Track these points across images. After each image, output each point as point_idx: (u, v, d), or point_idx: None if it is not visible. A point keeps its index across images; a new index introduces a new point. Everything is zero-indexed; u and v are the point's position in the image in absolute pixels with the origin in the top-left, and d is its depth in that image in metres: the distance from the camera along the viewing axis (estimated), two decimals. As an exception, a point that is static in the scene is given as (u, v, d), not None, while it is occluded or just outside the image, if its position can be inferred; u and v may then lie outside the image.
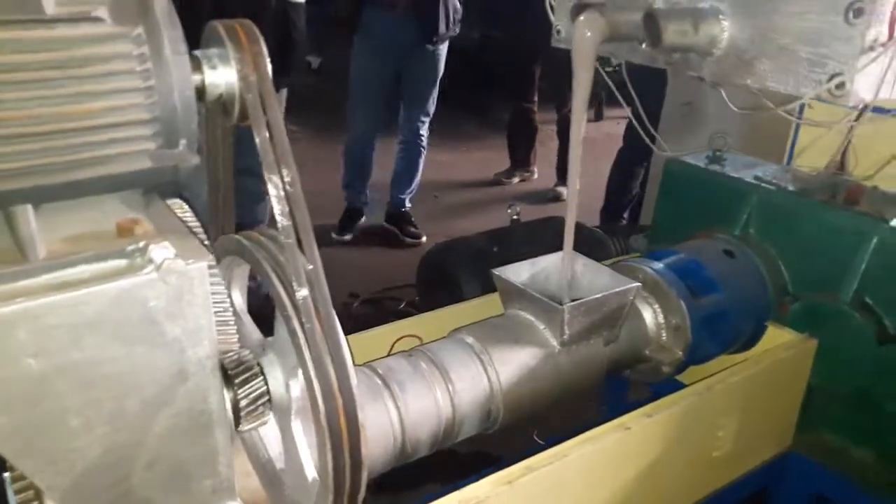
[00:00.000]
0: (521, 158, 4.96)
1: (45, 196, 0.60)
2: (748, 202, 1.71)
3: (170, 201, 0.81)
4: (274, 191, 0.71)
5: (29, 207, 0.60)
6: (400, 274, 3.20)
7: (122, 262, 0.63)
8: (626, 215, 3.91)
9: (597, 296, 1.38)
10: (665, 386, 1.58)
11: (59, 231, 0.63)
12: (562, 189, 4.82)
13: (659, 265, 1.57)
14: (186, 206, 0.87)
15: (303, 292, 0.72)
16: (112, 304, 0.62)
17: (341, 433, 0.73)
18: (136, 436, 0.68)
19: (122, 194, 0.68)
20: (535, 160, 5.04)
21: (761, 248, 1.67)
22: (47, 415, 0.62)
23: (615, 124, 6.23)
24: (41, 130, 0.57)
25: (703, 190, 1.82)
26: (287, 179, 0.72)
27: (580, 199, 1.38)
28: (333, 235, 3.95)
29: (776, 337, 1.59)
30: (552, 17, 1.51)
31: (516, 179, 4.98)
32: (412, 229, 4.04)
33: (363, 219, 4.14)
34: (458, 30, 3.81)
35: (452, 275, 2.31)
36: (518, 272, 1.46)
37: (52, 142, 0.58)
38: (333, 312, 0.73)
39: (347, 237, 3.98)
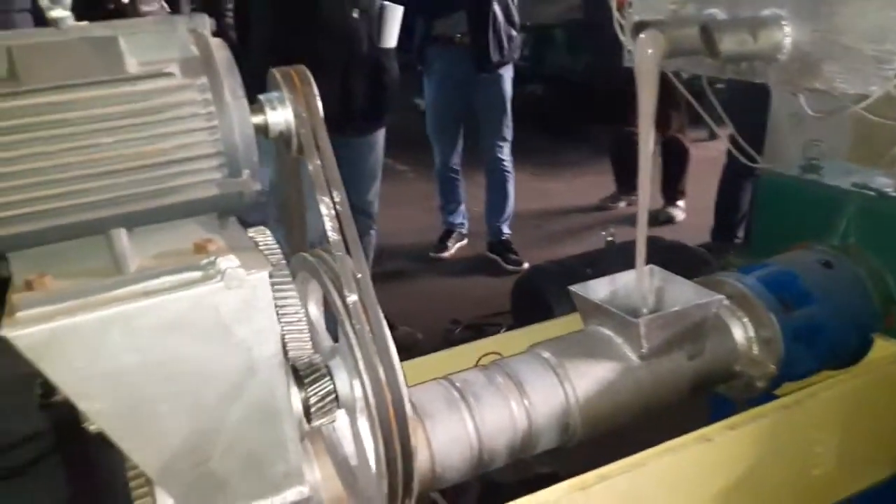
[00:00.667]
0: (626, 182, 4.90)
1: (134, 220, 0.74)
2: (847, 210, 1.63)
3: (253, 228, 0.94)
4: (325, 210, 0.82)
5: (123, 230, 0.74)
6: (502, 301, 3.27)
7: (198, 274, 0.75)
8: (740, 234, 3.75)
9: (675, 309, 1.39)
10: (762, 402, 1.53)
11: (147, 250, 0.76)
12: (673, 211, 4.70)
13: (749, 278, 1.54)
14: (268, 231, 1.00)
15: (353, 298, 0.81)
16: (189, 309, 0.74)
17: (391, 424, 0.81)
18: (214, 423, 0.79)
19: (200, 219, 0.81)
20: (645, 184, 4.96)
21: (863, 257, 1.59)
22: (140, 402, 0.75)
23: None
24: (128, 167, 0.71)
25: (799, 201, 1.76)
26: (337, 200, 0.82)
27: (697, 219, 1.38)
28: (431, 254, 4.25)
29: (882, 349, 1.50)
30: (622, 38, 1.55)
31: (623, 204, 4.91)
32: (513, 256, 4.15)
33: (464, 241, 4.41)
34: (515, 56, 4.06)
35: (544, 297, 2.34)
36: (597, 289, 1.49)
37: (136, 175, 0.71)
38: (381, 315, 0.82)
39: (444, 254, 4.29)
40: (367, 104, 2.69)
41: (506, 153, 4.20)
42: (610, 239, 2.58)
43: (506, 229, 4.25)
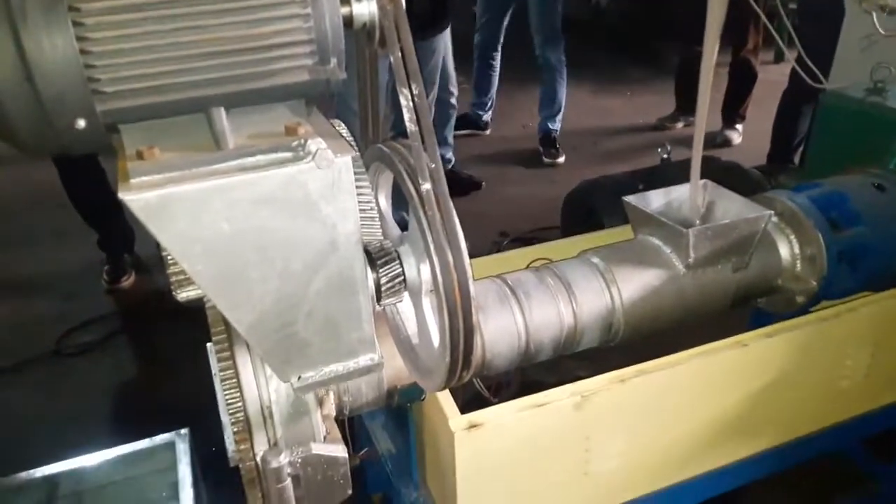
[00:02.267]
0: (687, 103, 4.80)
1: (233, 101, 0.81)
2: (906, 134, 1.63)
3: (331, 120, 1.00)
4: (404, 101, 0.87)
5: (222, 110, 0.80)
6: (551, 216, 3.32)
7: (289, 154, 0.82)
8: (796, 160, 3.69)
9: (724, 221, 1.43)
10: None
11: (244, 130, 0.83)
12: (730, 133, 4.62)
13: (800, 196, 1.56)
14: (343, 124, 1.06)
15: (426, 186, 0.88)
16: (281, 185, 0.81)
17: (456, 301, 0.89)
18: (299, 290, 0.88)
19: (290, 104, 0.87)
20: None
21: (918, 182, 1.60)
22: (235, 266, 0.84)
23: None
24: (230, 49, 0.77)
25: (859, 123, 1.75)
26: (415, 92, 0.87)
27: (754, 143, 1.39)
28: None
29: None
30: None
31: (680, 124, 4.83)
32: (552, 150, 4.34)
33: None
34: None
35: (595, 211, 2.38)
36: (650, 200, 1.53)
37: (237, 58, 0.77)
38: (451, 203, 0.89)
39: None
40: (428, 7, 2.73)
41: (554, 53, 4.22)
42: (665, 156, 2.58)
43: (553, 125, 4.36)
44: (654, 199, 1.51)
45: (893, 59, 1.87)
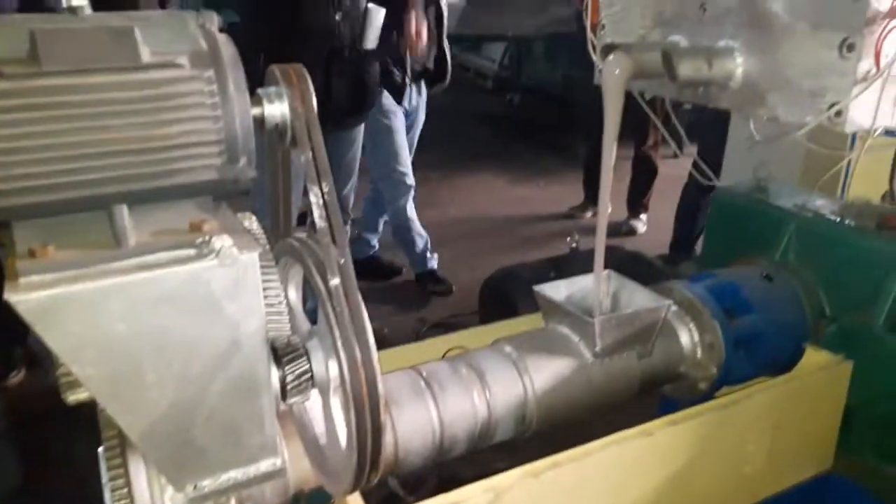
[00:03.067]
0: (595, 193, 5.05)
1: (136, 199, 0.79)
2: (787, 229, 1.76)
3: (240, 214, 1.00)
4: (314, 199, 0.88)
5: (124, 207, 0.79)
6: (469, 302, 3.36)
7: (192, 251, 0.80)
8: (698, 249, 3.92)
9: (628, 311, 1.49)
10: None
11: (147, 226, 0.82)
12: (635, 223, 4.87)
13: (697, 287, 1.65)
14: (254, 217, 1.06)
15: (335, 281, 0.88)
16: (184, 283, 0.79)
17: (364, 400, 0.88)
18: (198, 393, 0.85)
19: (196, 200, 0.86)
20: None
21: (799, 272, 1.72)
22: (130, 370, 0.80)
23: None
24: (134, 148, 0.76)
25: (747, 218, 1.89)
26: (325, 190, 0.88)
27: (658, 233, 1.47)
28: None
29: (812, 358, 1.62)
30: (594, 57, 1.65)
31: (589, 213, 5.06)
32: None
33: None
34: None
35: (511, 298, 2.43)
36: (558, 290, 1.58)
37: (141, 157, 0.77)
38: (360, 299, 0.89)
39: None
40: (348, 101, 2.79)
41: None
42: (574, 245, 2.69)
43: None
44: (563, 289, 1.57)
45: (773, 158, 2.05)
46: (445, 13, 3.67)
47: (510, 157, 5.99)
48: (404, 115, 3.67)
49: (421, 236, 3.89)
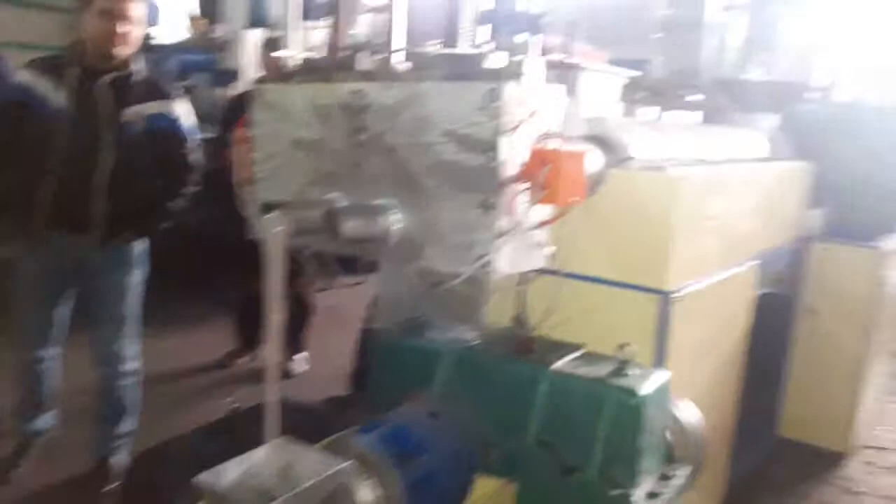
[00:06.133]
0: (250, 338, 4.87)
1: None
2: (445, 363, 1.88)
3: None
4: None
5: None
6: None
7: None
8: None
9: (308, 483, 1.39)
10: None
11: None
12: (294, 364, 4.78)
13: (369, 437, 1.64)
14: None
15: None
16: None
17: None
18: None
19: None
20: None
21: (461, 404, 1.83)
22: None
23: (350, 291, 6.45)
24: None
25: (407, 356, 1.97)
26: None
27: (328, 369, 1.40)
28: None
29: (482, 486, 1.71)
30: (247, 214, 1.61)
31: (245, 360, 4.83)
32: None
33: None
34: None
35: (164, 490, 2.07)
36: (227, 473, 1.40)
37: None
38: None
39: None
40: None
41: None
42: (234, 405, 2.45)
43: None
44: (231, 471, 1.40)
45: (432, 299, 2.18)
46: None
47: (151, 306, 5.46)
48: None
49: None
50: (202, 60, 6.20)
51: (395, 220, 1.36)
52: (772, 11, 3.27)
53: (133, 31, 2.79)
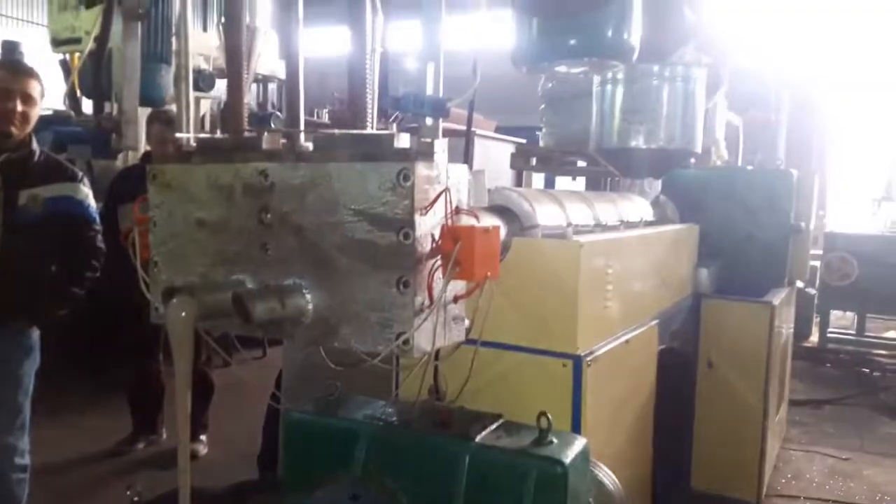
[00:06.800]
0: (145, 422, 4.58)
1: None
2: (362, 441, 1.82)
3: None
4: None
5: None
6: None
7: None
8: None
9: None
10: None
11: None
12: (196, 446, 4.52)
13: (288, 527, 1.56)
14: None
15: None
16: None
17: None
18: None
19: None
20: (162, 421, 4.69)
21: (381, 483, 1.77)
22: None
23: (253, 363, 6.17)
24: None
25: (322, 435, 1.90)
26: None
27: (228, 449, 1.31)
28: None
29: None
30: (149, 296, 1.53)
31: (141, 445, 4.53)
32: None
33: None
34: None
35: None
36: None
37: None
38: None
39: None
40: None
41: None
42: (136, 499, 2.29)
43: None
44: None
45: (339, 376, 2.14)
46: None
47: (39, 391, 5.03)
48: None
49: None
50: (78, 131, 5.95)
51: (308, 300, 1.34)
52: (644, 83, 3.53)
53: (31, 111, 2.69)
